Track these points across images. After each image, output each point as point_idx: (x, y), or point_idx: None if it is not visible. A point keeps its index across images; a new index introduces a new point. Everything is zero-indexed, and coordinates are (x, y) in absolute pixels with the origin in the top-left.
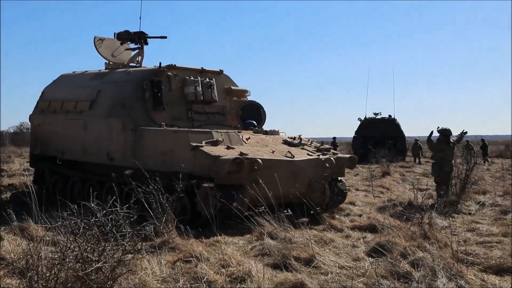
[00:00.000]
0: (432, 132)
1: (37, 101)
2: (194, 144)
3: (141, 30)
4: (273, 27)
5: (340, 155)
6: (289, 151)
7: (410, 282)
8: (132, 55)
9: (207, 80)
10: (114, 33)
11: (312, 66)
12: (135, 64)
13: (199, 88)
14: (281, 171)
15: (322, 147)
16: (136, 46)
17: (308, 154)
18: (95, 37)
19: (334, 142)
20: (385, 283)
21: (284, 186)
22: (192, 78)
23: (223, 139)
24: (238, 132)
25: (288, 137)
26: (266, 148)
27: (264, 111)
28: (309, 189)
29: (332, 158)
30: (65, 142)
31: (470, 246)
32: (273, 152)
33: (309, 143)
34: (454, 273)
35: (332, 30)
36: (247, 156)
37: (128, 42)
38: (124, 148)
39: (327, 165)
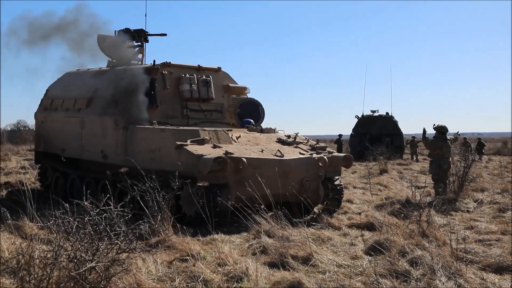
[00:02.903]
0: (424, 130)
1: (42, 99)
2: (178, 142)
3: (141, 28)
4: (273, 25)
5: (335, 154)
6: (278, 150)
7: (409, 281)
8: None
9: (204, 77)
10: (115, 31)
11: (311, 63)
12: (136, 62)
13: (195, 86)
14: (270, 170)
15: (317, 145)
16: (136, 44)
17: (300, 153)
18: (98, 35)
19: (339, 140)
20: (384, 281)
21: (274, 185)
22: (188, 75)
23: (211, 138)
24: (228, 130)
25: (285, 135)
26: (256, 146)
27: (262, 109)
28: (301, 188)
29: (325, 157)
30: (65, 139)
31: (469, 244)
32: (262, 151)
33: (305, 142)
34: (453, 272)
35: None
36: (231, 155)
37: (128, 40)
38: (116, 146)
39: (320, 164)
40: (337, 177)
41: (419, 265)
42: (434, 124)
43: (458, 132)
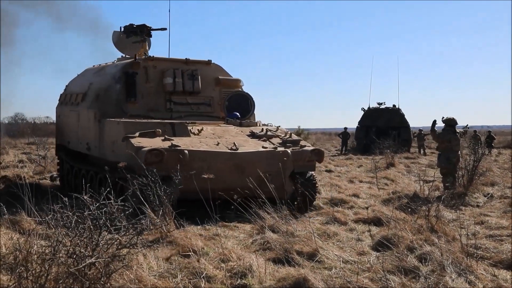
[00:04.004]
0: (435, 122)
1: (60, 94)
2: (125, 135)
3: (143, 23)
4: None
5: (306, 148)
6: (234, 143)
7: (418, 277)
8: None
9: (191, 70)
10: (120, 27)
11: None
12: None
13: (179, 79)
14: (221, 163)
15: (290, 139)
16: (140, 38)
17: (263, 146)
18: (113, 32)
19: (345, 133)
20: (392, 278)
21: (228, 179)
22: (172, 69)
23: (165, 130)
24: (188, 122)
25: (266, 128)
26: (215, 140)
27: (252, 102)
28: (263, 183)
29: (289, 151)
30: (69, 132)
31: (479, 240)
32: (218, 144)
33: (283, 135)
34: (463, 268)
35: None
36: (170, 148)
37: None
38: (95, 138)
39: (284, 158)
40: (310, 172)
41: (428, 261)
42: (443, 117)
43: (467, 125)
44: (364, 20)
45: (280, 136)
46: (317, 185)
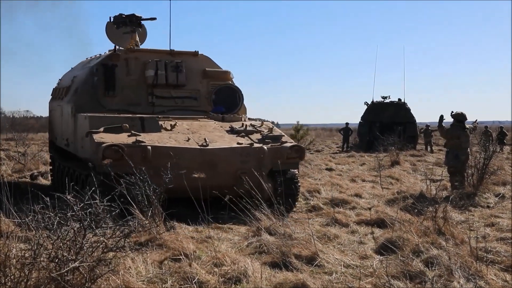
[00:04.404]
0: (442, 117)
1: (53, 88)
2: (89, 130)
3: (132, 13)
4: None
5: (286, 144)
6: (205, 139)
7: (424, 283)
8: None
9: (175, 62)
10: (110, 17)
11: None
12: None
13: (162, 71)
14: (190, 160)
15: (271, 134)
16: (131, 28)
17: (238, 142)
18: (107, 23)
19: (346, 129)
20: (396, 283)
21: (197, 176)
22: (155, 60)
23: (134, 125)
24: (160, 117)
25: (251, 124)
26: (187, 135)
27: (241, 95)
28: (238, 181)
29: (265, 148)
30: (56, 128)
31: (489, 243)
32: (188, 140)
33: (266, 131)
34: (472, 273)
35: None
36: (130, 144)
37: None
38: (72, 133)
39: (261, 155)
40: (292, 170)
41: (435, 265)
42: (452, 111)
43: (476, 120)
44: (367, 8)
45: (262, 131)
46: (299, 184)
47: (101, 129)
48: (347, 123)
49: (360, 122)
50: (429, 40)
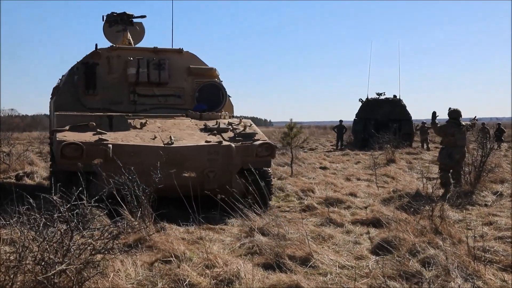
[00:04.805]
0: (434, 114)
1: (53, 87)
2: (55, 128)
3: (123, 11)
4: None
5: (260, 142)
6: (170, 137)
7: (421, 283)
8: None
9: (158, 59)
10: (103, 16)
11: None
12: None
13: (144, 69)
14: (153, 158)
15: (244, 132)
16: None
17: (206, 140)
18: (104, 23)
19: (340, 126)
20: (392, 284)
21: (163, 175)
22: (136, 58)
23: (101, 124)
24: (130, 115)
25: (229, 121)
26: (153, 134)
27: (224, 92)
28: (206, 180)
29: (232, 145)
30: (50, 127)
31: (487, 242)
32: (154, 138)
33: (243, 128)
34: (470, 273)
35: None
36: (96, 142)
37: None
38: (53, 133)
39: (229, 153)
40: (265, 169)
41: (432, 265)
42: (450, 108)
43: (475, 117)
44: (362, 4)
45: (237, 130)
46: (272, 183)
47: (67, 127)
48: (341, 121)
49: (354, 119)
50: (426, 35)
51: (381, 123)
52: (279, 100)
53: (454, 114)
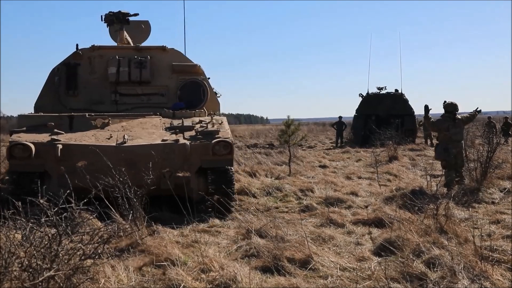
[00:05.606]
0: (427, 107)
1: None
2: (12, 129)
3: (118, 10)
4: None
5: (221, 139)
6: (124, 136)
7: (426, 285)
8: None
9: (139, 58)
10: (101, 16)
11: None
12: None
13: (125, 68)
14: (107, 158)
15: (206, 130)
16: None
17: (163, 139)
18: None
19: (340, 122)
20: (396, 286)
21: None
22: (117, 57)
23: (61, 124)
24: (93, 115)
25: (201, 120)
26: (110, 133)
27: (206, 90)
28: (162, 180)
29: (187, 144)
30: None
31: (495, 241)
32: (110, 137)
33: (206, 127)
34: (477, 273)
35: None
36: (48, 142)
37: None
38: None
39: (186, 152)
40: (226, 167)
41: (437, 266)
42: (445, 101)
43: (477, 108)
44: None
45: (204, 128)
46: (233, 182)
47: (24, 128)
48: (340, 117)
49: (354, 115)
50: (428, 28)
51: (383, 118)
52: (276, 97)
53: (450, 107)
